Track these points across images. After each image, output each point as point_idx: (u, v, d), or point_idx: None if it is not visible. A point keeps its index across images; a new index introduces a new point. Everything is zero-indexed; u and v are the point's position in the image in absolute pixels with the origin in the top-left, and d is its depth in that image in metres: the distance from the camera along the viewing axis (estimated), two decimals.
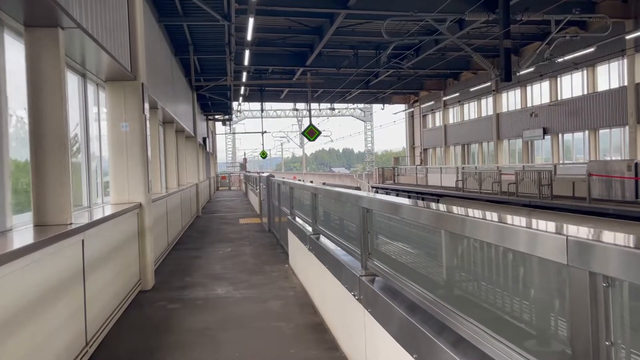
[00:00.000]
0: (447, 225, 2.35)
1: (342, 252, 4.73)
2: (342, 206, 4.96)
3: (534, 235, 1.59)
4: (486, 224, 1.97)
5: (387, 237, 3.59)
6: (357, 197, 3.97)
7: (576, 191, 19.16)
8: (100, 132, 7.21)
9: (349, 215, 4.74)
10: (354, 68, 28.55)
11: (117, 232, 5.89)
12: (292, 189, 8.22)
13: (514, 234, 1.72)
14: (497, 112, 31.54)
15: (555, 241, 1.46)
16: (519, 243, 1.67)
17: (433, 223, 2.57)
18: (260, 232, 13.05)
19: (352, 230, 4.52)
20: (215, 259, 9.20)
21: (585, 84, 23.89)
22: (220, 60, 14.43)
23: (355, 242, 4.23)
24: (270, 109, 52.82)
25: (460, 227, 2.18)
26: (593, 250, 1.31)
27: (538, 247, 1.55)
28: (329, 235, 5.44)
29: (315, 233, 6.03)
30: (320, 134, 15.76)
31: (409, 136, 45.52)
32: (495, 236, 1.88)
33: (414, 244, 3.10)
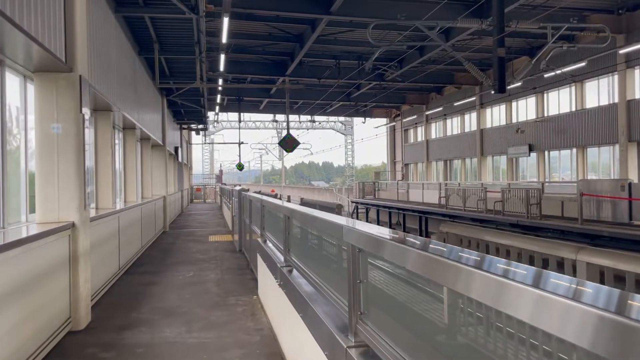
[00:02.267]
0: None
1: (322, 300, 3.53)
2: (322, 238, 3.79)
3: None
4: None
5: (392, 291, 2.39)
6: (343, 230, 2.79)
7: (565, 211, 18.36)
8: (27, 134, 5.91)
9: (331, 251, 3.58)
10: (336, 79, 27.56)
11: (34, 260, 4.60)
12: (264, 206, 7.01)
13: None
14: (481, 128, 30.81)
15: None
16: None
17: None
18: (230, 251, 11.77)
19: (336, 270, 3.34)
20: (172, 287, 7.89)
21: (574, 101, 23.24)
22: (190, 62, 13.20)
23: (340, 291, 3.04)
24: (249, 120, 51.61)
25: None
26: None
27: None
28: (304, 272, 4.24)
29: (288, 265, 4.83)
30: (298, 144, 14.56)
31: (390, 151, 44.66)
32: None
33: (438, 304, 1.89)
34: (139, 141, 13.91)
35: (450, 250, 1.75)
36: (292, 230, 4.85)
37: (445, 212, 23.05)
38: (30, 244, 4.50)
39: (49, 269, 4.99)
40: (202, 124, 28.10)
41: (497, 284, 1.32)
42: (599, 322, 0.94)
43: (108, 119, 8.64)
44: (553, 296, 1.08)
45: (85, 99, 5.73)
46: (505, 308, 1.28)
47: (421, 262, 1.80)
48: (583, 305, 1.00)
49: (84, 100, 5.68)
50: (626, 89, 19.59)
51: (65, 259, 5.45)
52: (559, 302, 1.06)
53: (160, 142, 16.80)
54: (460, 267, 1.49)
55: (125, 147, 11.81)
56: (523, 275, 1.31)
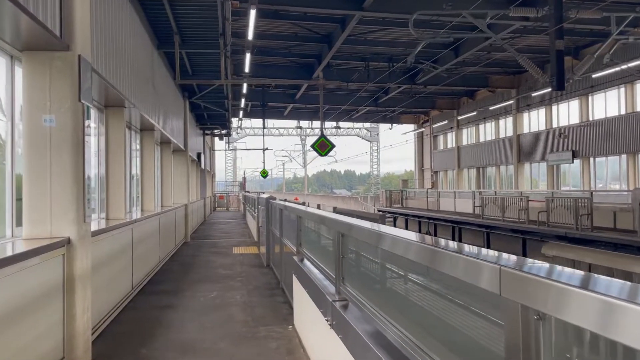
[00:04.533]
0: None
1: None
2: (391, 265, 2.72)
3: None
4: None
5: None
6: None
7: (618, 222, 16.77)
8: (14, 128, 4.82)
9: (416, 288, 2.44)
10: (365, 82, 26.37)
11: (14, 288, 3.49)
12: (301, 218, 5.82)
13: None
14: (517, 133, 29.20)
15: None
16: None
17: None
18: (256, 266, 10.60)
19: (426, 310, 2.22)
20: (192, 312, 6.73)
21: (623, 103, 21.60)
22: (214, 59, 12.12)
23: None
24: (272, 127, 50.65)
25: None
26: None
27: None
28: (368, 309, 3.03)
29: (343, 299, 3.61)
30: (333, 147, 13.37)
31: (418, 158, 43.17)
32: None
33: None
34: (158, 145, 12.89)
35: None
36: (347, 253, 3.65)
37: (482, 222, 21.63)
38: (8, 268, 3.39)
39: (35, 298, 3.87)
40: (226, 129, 27.13)
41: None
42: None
43: (121, 117, 7.56)
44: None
45: (85, 85, 4.62)
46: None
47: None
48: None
49: (84, 86, 4.57)
50: None
51: (57, 284, 4.32)
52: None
53: (182, 146, 15.80)
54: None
55: (143, 151, 10.77)
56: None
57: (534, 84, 26.05)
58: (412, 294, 2.79)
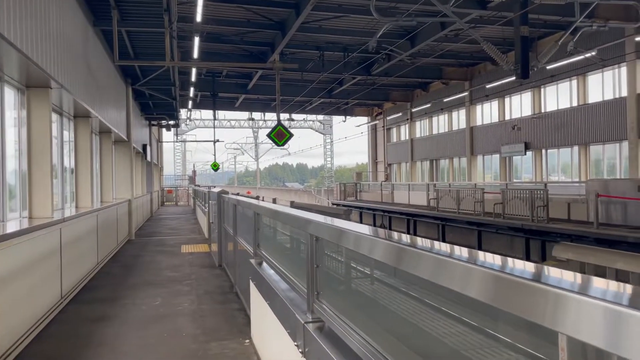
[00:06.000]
0: None
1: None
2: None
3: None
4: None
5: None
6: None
7: (572, 214, 16.85)
8: None
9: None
10: (319, 72, 25.65)
11: None
12: (260, 215, 5.02)
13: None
14: (470, 126, 29.26)
15: None
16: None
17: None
18: (207, 267, 9.71)
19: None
20: (131, 325, 5.82)
21: (575, 95, 21.81)
22: (159, 39, 11.02)
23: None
24: (223, 119, 49.16)
25: None
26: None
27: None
28: (361, 340, 2.30)
29: (317, 320, 2.87)
30: (291, 136, 12.54)
31: (372, 151, 42.92)
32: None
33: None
34: (96, 135, 11.72)
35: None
36: (323, 262, 2.90)
37: (437, 214, 21.45)
38: None
39: None
40: (174, 119, 25.77)
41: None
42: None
43: (45, 99, 6.49)
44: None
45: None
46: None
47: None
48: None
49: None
50: (636, 81, 18.18)
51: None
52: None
53: (125, 137, 14.59)
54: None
55: (77, 141, 9.62)
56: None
57: (487, 76, 26.09)
58: (421, 321, 2.07)
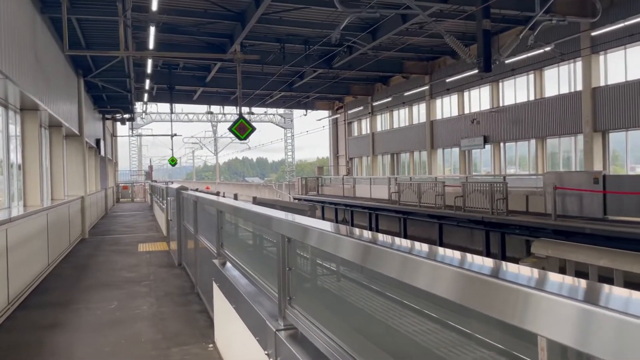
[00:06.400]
0: None
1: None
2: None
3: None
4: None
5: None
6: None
7: (530, 206, 17.21)
8: None
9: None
10: (280, 65, 25.30)
11: None
12: (222, 212, 4.74)
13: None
14: (431, 119, 29.53)
15: None
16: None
17: None
18: (167, 267, 9.32)
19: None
20: (85, 331, 5.44)
21: (532, 89, 22.25)
22: (112, 27, 10.45)
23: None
24: (181, 112, 48.06)
25: None
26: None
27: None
28: (339, 349, 2.09)
29: (290, 327, 2.64)
30: (253, 130, 12.17)
31: (333, 145, 42.85)
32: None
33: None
34: (46, 128, 11.08)
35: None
36: (296, 264, 2.66)
37: (398, 208, 21.54)
38: None
39: None
40: (129, 113, 24.90)
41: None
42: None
43: None
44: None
45: None
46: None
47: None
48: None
49: None
50: (591, 76, 18.65)
51: None
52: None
53: (77, 131, 13.90)
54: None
55: (24, 135, 9.03)
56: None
57: (447, 70, 26.35)
58: (402, 325, 1.87)
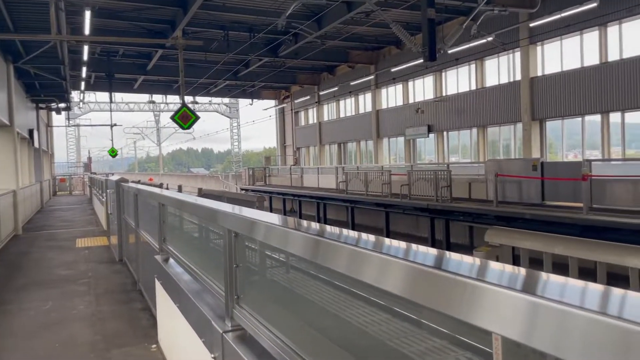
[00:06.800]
0: None
1: None
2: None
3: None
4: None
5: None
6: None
7: (473, 193, 17.68)
8: None
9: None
10: (224, 53, 24.72)
11: None
12: (165, 206, 4.50)
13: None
14: (376, 109, 29.77)
15: None
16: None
17: None
18: (107, 262, 8.90)
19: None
20: (17, 335, 5.06)
21: (473, 79, 22.79)
22: (42, 10, 9.79)
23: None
24: (121, 101, 46.25)
25: None
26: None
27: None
28: (289, 351, 1.95)
29: (238, 328, 2.48)
30: (197, 119, 11.77)
31: (280, 134, 42.52)
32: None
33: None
34: None
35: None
36: (244, 261, 2.50)
37: (346, 197, 21.66)
38: None
39: None
40: (65, 102, 23.68)
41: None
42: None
43: None
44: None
45: None
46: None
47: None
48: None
49: None
50: (529, 66, 19.27)
51: None
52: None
53: (6, 121, 13.04)
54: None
55: None
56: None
57: (392, 59, 26.58)
58: (353, 316, 1.75)
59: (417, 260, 1.14)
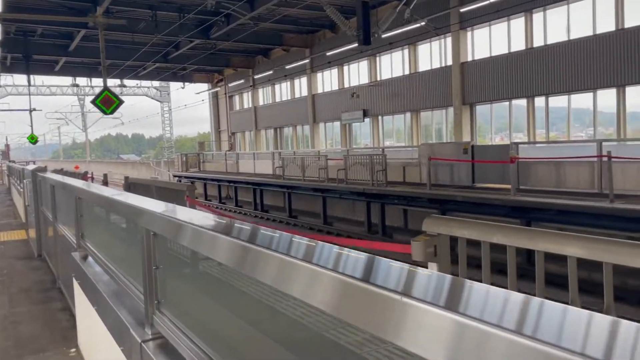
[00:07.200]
0: None
1: None
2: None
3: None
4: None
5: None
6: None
7: (407, 176, 17.97)
8: None
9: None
10: (152, 34, 23.64)
11: None
12: (82, 200, 4.11)
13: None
14: (312, 93, 29.58)
15: None
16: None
17: None
18: (24, 258, 8.26)
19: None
20: None
21: (407, 64, 23.05)
22: None
23: None
24: (42, 84, 43.41)
25: None
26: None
27: None
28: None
29: (158, 336, 2.23)
30: (120, 103, 11.08)
31: (214, 119, 41.47)
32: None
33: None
34: None
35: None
36: (166, 262, 2.24)
37: (283, 182, 21.46)
38: None
39: None
40: None
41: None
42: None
43: None
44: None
45: None
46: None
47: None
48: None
49: None
50: (460, 51, 19.68)
51: None
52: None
53: None
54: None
55: None
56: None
57: (327, 43, 26.44)
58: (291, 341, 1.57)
59: (347, 272, 1.00)
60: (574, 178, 12.19)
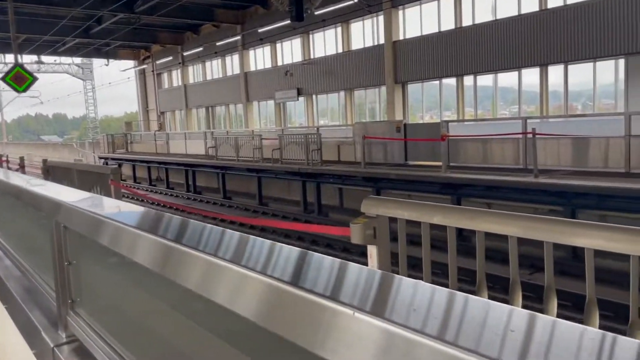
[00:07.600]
0: None
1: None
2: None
3: None
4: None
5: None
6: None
7: (342, 155, 18.06)
8: None
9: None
10: (70, 7, 22.16)
11: None
12: None
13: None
14: (245, 71, 28.93)
15: None
16: None
17: None
18: None
19: None
20: None
21: (340, 42, 22.96)
22: None
23: None
24: None
25: None
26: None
27: None
28: None
29: (72, 339, 2.00)
30: (34, 80, 10.23)
31: (142, 98, 39.78)
32: None
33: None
34: None
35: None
36: (80, 258, 2.01)
37: (216, 163, 21.00)
38: None
39: None
40: None
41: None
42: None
43: None
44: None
45: None
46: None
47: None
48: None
49: None
50: (392, 29, 19.80)
51: None
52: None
53: None
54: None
55: None
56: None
57: (260, 20, 25.85)
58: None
59: (275, 274, 0.87)
60: (501, 154, 12.66)
